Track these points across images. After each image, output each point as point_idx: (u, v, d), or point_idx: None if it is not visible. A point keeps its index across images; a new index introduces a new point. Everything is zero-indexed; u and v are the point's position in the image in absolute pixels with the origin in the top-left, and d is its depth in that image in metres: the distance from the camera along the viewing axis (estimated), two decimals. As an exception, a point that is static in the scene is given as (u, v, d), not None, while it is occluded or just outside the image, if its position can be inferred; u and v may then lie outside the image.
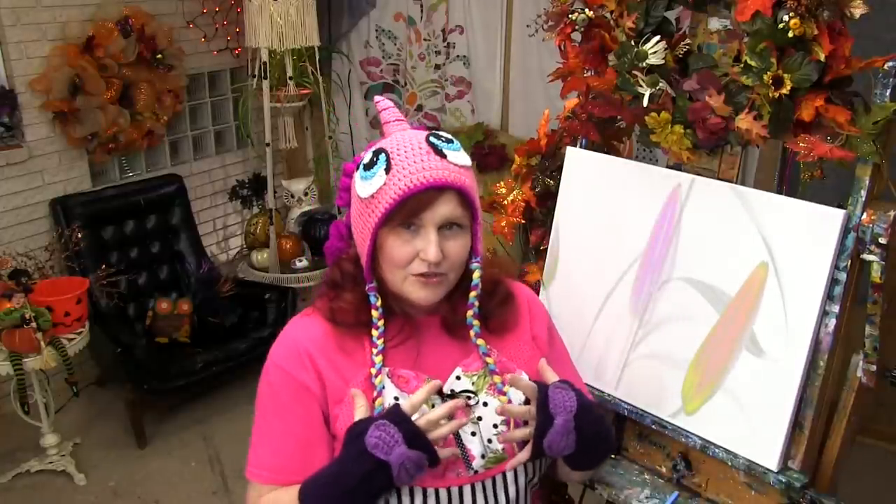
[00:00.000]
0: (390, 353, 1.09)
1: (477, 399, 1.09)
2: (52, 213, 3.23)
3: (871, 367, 1.16)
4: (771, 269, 1.20)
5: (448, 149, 1.03)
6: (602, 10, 1.38)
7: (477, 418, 1.08)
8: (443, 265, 1.03)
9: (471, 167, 1.07)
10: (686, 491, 1.31)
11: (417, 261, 1.02)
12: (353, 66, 4.29)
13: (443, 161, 1.01)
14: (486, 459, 1.07)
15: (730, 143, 1.30)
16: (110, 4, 3.28)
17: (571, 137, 1.54)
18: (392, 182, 1.00)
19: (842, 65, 1.12)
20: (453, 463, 1.05)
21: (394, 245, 1.03)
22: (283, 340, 1.12)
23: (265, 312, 3.41)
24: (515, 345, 1.17)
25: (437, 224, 1.01)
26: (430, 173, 1.00)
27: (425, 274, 1.03)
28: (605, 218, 1.44)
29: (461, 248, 1.04)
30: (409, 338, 1.11)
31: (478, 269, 1.08)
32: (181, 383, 3.09)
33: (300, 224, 4.00)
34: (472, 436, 1.07)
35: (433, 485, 1.05)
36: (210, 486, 2.82)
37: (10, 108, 3.03)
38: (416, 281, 1.04)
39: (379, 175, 1.01)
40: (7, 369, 2.46)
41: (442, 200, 1.01)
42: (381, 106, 1.12)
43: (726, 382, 1.24)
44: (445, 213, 1.01)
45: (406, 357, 1.10)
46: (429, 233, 1.01)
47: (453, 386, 1.09)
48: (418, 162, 1.00)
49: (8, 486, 2.78)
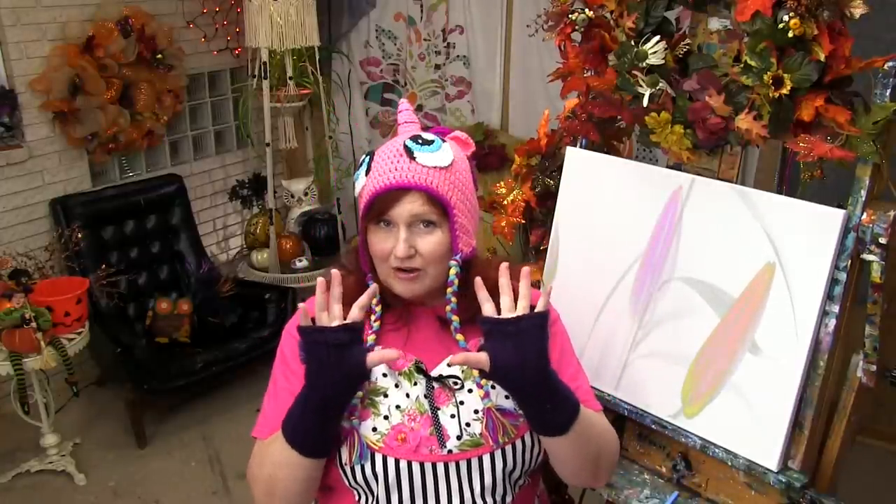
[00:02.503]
0: (386, 334, 1.17)
1: (462, 385, 1.13)
2: (52, 213, 3.23)
3: (871, 367, 1.16)
4: (776, 270, 1.20)
5: (421, 150, 1.10)
6: (602, 10, 1.38)
7: (459, 402, 1.12)
8: (416, 260, 1.10)
9: (449, 166, 1.11)
10: (686, 491, 1.31)
11: (392, 256, 1.10)
12: (353, 66, 4.29)
13: (411, 163, 1.09)
14: (461, 441, 1.10)
15: (730, 143, 1.30)
16: (110, 4, 3.27)
17: (571, 137, 1.54)
18: (368, 182, 1.12)
19: (842, 65, 1.12)
20: (427, 439, 1.09)
21: (374, 240, 1.12)
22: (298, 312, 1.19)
23: (265, 312, 3.41)
24: None
25: (405, 222, 1.09)
26: (393, 175, 1.09)
27: (401, 269, 1.11)
28: (605, 218, 1.44)
29: (433, 244, 1.10)
30: (403, 325, 1.18)
31: (454, 266, 1.12)
32: (181, 383, 3.09)
33: (300, 224, 4.01)
34: (451, 418, 1.11)
35: (406, 457, 1.08)
36: (210, 486, 2.82)
37: (10, 108, 3.03)
38: (395, 276, 1.12)
39: (362, 176, 1.14)
40: (7, 369, 2.46)
41: (407, 200, 1.08)
42: (399, 109, 1.22)
43: (727, 383, 1.24)
44: (411, 211, 1.09)
45: (397, 340, 1.16)
46: (399, 230, 1.09)
47: (442, 371, 1.14)
48: (387, 164, 1.10)
49: (8, 486, 2.78)
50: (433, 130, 1.17)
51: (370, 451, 1.08)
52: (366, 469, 1.09)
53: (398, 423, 1.10)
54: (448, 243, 1.11)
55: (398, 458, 1.08)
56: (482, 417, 1.11)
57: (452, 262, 1.12)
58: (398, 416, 1.10)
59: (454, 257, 1.12)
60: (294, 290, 3.51)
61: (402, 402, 1.11)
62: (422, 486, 1.09)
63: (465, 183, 1.14)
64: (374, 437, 1.09)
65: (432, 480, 1.09)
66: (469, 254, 1.14)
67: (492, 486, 1.11)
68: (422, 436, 1.09)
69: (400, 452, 1.08)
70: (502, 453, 1.11)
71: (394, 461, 1.08)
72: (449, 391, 1.13)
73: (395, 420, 1.10)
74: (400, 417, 1.10)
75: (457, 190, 1.11)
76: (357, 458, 1.08)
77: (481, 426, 1.10)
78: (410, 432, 1.09)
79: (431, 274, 1.12)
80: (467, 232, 1.14)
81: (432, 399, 1.12)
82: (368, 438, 1.09)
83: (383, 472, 1.08)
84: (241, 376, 3.34)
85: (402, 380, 1.13)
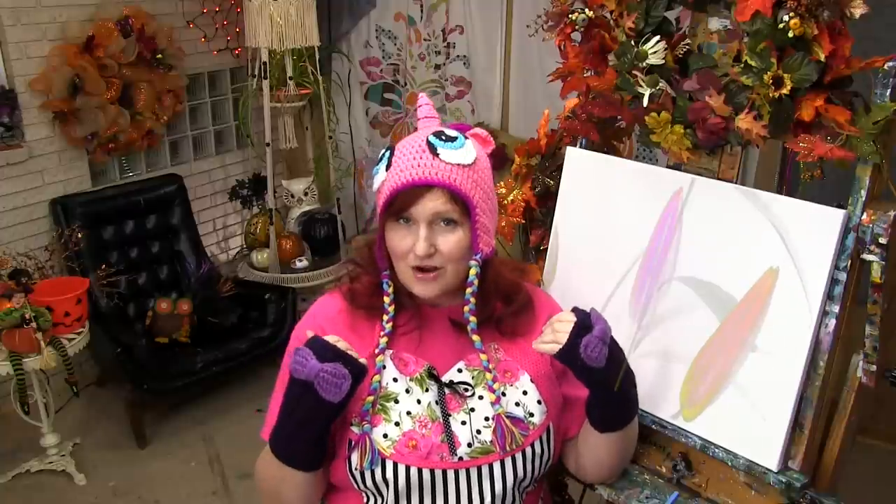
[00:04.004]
0: (398, 337, 1.14)
1: (473, 392, 1.12)
2: (52, 213, 3.23)
3: (871, 367, 1.16)
4: (776, 270, 1.20)
5: (444, 147, 1.07)
6: (602, 10, 1.38)
7: (469, 409, 1.11)
8: (436, 259, 1.08)
9: (472, 164, 1.09)
10: (686, 491, 1.31)
11: (412, 254, 1.07)
12: (353, 66, 4.29)
13: (434, 160, 1.06)
14: (471, 448, 1.09)
15: (730, 143, 1.30)
16: (110, 4, 3.28)
17: (571, 137, 1.54)
18: (389, 178, 1.08)
19: (842, 65, 1.12)
20: (438, 446, 1.08)
21: (392, 237, 1.09)
22: (307, 317, 1.20)
23: (265, 312, 3.41)
24: (524, 348, 1.18)
25: (426, 219, 1.06)
26: (415, 171, 1.05)
27: (420, 268, 1.08)
28: (606, 218, 1.44)
29: (454, 243, 1.08)
30: (416, 327, 1.16)
31: (475, 266, 1.10)
32: (181, 383, 3.10)
33: (300, 224, 4.01)
34: (462, 425, 1.10)
35: (417, 463, 1.08)
36: (210, 487, 2.82)
37: (10, 108, 3.03)
38: (413, 276, 1.10)
39: (382, 171, 1.10)
40: (7, 369, 2.46)
41: (429, 197, 1.06)
42: (419, 103, 1.19)
43: (727, 383, 1.24)
44: (433, 209, 1.06)
45: (409, 343, 1.15)
46: (419, 228, 1.06)
47: (453, 377, 1.13)
48: (410, 160, 1.06)
49: (8, 486, 2.78)
50: (453, 126, 1.14)
51: (381, 458, 1.08)
52: (376, 474, 1.08)
53: (409, 430, 1.09)
54: (468, 243, 1.09)
55: (409, 464, 1.08)
56: (492, 424, 1.10)
57: (473, 263, 1.10)
58: (409, 422, 1.09)
59: (474, 257, 1.10)
60: (294, 290, 3.51)
61: (414, 409, 1.10)
62: (431, 493, 1.09)
63: (487, 181, 1.12)
64: (385, 444, 1.08)
65: (442, 488, 1.09)
66: (488, 254, 1.12)
67: (502, 494, 1.11)
68: (433, 443, 1.08)
69: (411, 459, 1.08)
70: (512, 461, 1.10)
71: (404, 468, 1.08)
72: (460, 398, 1.12)
73: (406, 426, 1.09)
74: (411, 424, 1.09)
75: (479, 189, 1.09)
76: (368, 463, 1.07)
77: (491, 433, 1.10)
78: (421, 439, 1.08)
79: (450, 273, 1.10)
80: (488, 231, 1.12)
81: (444, 405, 1.11)
82: (379, 444, 1.08)
83: (394, 478, 1.08)
84: (241, 376, 3.34)
85: (413, 385, 1.11)
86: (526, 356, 1.18)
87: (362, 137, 4.42)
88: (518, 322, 1.19)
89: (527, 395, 1.15)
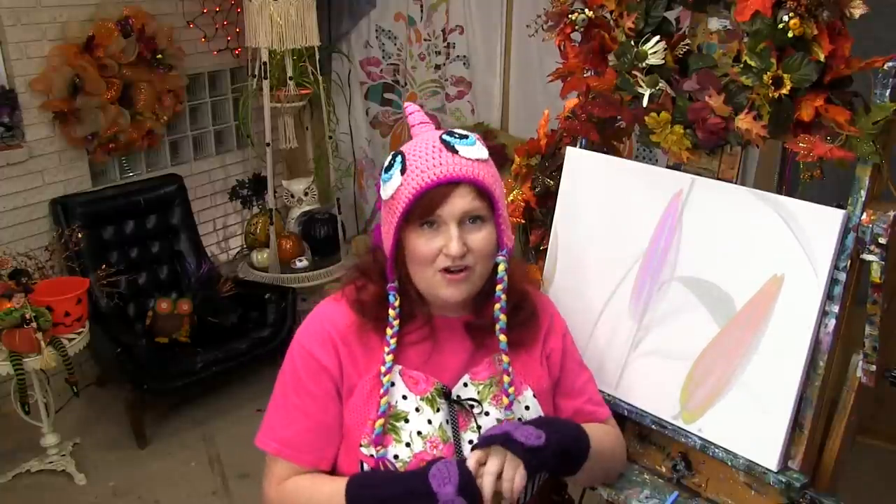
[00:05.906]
0: (406, 350, 1.11)
1: (481, 409, 1.11)
2: (52, 213, 3.23)
3: (871, 367, 1.16)
4: (776, 270, 1.20)
5: (461, 144, 1.06)
6: (602, 10, 1.38)
7: (477, 427, 1.10)
8: (468, 257, 1.05)
9: (488, 160, 1.08)
10: (686, 491, 1.31)
11: (442, 256, 1.04)
12: (353, 66, 4.29)
13: (454, 157, 1.04)
14: None
15: (730, 143, 1.30)
16: (110, 4, 3.27)
17: (571, 137, 1.54)
18: (407, 181, 1.04)
19: (842, 65, 1.12)
20: None
21: (417, 243, 1.05)
22: (312, 322, 1.15)
23: (265, 312, 3.40)
24: (527, 362, 1.18)
25: (456, 218, 1.04)
26: (442, 169, 1.03)
27: (450, 269, 1.05)
28: (606, 218, 1.44)
29: (484, 239, 1.06)
30: (425, 338, 1.13)
31: (503, 262, 1.08)
32: (181, 383, 3.09)
33: (300, 224, 4.00)
34: (470, 444, 1.09)
35: None
36: (210, 487, 2.82)
37: (10, 108, 3.03)
38: (442, 279, 1.06)
39: (396, 176, 1.05)
40: (7, 369, 2.46)
41: (457, 195, 1.03)
42: (408, 111, 1.17)
43: (728, 383, 1.24)
44: (462, 207, 1.04)
45: (419, 357, 1.12)
46: (449, 228, 1.04)
47: (459, 392, 1.11)
48: (430, 160, 1.04)
49: (8, 486, 2.78)
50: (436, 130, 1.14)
51: None
52: None
53: (420, 451, 1.07)
54: (495, 238, 1.08)
55: None
56: None
57: (500, 258, 1.09)
58: (420, 443, 1.07)
59: (500, 253, 1.09)
60: (294, 290, 3.51)
61: (424, 429, 1.08)
62: None
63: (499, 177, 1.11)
64: (397, 465, 1.06)
65: None
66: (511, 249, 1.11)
67: None
68: None
69: None
70: None
71: None
72: (467, 414, 1.10)
73: (417, 448, 1.07)
74: (422, 445, 1.07)
75: (497, 183, 1.08)
76: None
77: None
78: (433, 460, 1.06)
79: (479, 272, 1.08)
80: (509, 226, 1.11)
81: (455, 425, 1.09)
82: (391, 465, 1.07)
83: None
84: (241, 376, 3.33)
85: (423, 405, 1.10)
86: (529, 370, 1.17)
87: (362, 137, 4.42)
88: (522, 333, 1.17)
89: (529, 410, 1.15)
